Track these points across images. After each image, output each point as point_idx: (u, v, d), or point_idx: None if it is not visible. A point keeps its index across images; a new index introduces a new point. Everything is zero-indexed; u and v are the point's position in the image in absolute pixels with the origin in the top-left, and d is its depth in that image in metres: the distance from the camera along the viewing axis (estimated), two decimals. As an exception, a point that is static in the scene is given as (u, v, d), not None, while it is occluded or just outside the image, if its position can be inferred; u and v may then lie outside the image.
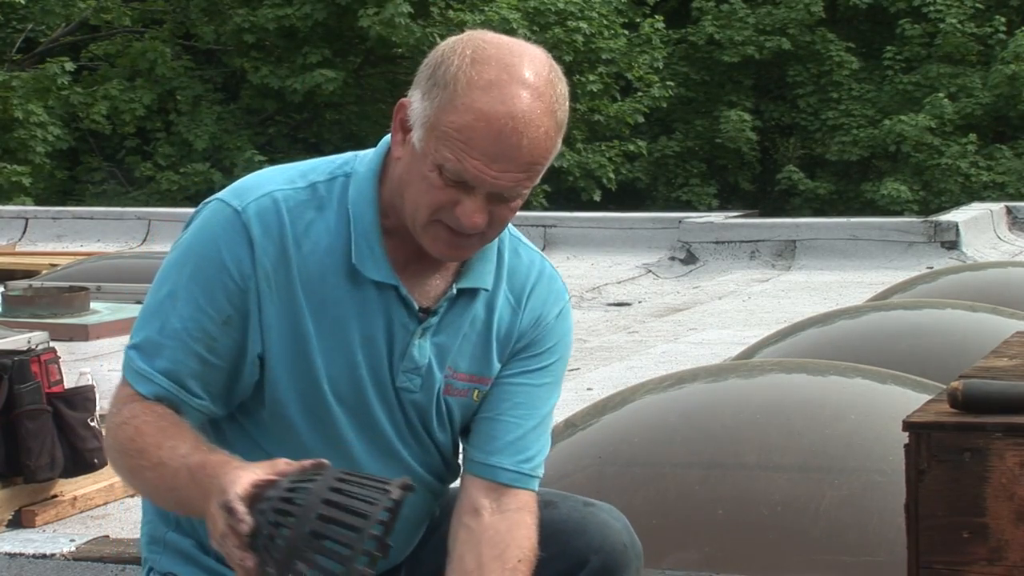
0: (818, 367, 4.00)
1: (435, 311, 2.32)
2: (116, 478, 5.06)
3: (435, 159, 2.17)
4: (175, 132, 24.96)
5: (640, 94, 25.78)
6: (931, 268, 10.77)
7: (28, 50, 25.86)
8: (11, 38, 25.62)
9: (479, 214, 2.19)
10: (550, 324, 2.41)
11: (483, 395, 2.39)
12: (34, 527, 4.69)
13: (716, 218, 13.98)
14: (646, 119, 26.02)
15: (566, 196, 23.98)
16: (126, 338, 2.34)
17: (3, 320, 7.67)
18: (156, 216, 15.75)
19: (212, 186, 22.86)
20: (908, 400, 3.15)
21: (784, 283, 11.86)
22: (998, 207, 14.62)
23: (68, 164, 25.73)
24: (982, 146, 25.67)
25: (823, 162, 27.46)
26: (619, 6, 26.12)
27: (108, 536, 4.03)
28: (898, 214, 21.67)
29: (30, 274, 11.94)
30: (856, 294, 10.19)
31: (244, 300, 2.25)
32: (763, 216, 15.40)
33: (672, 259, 13.11)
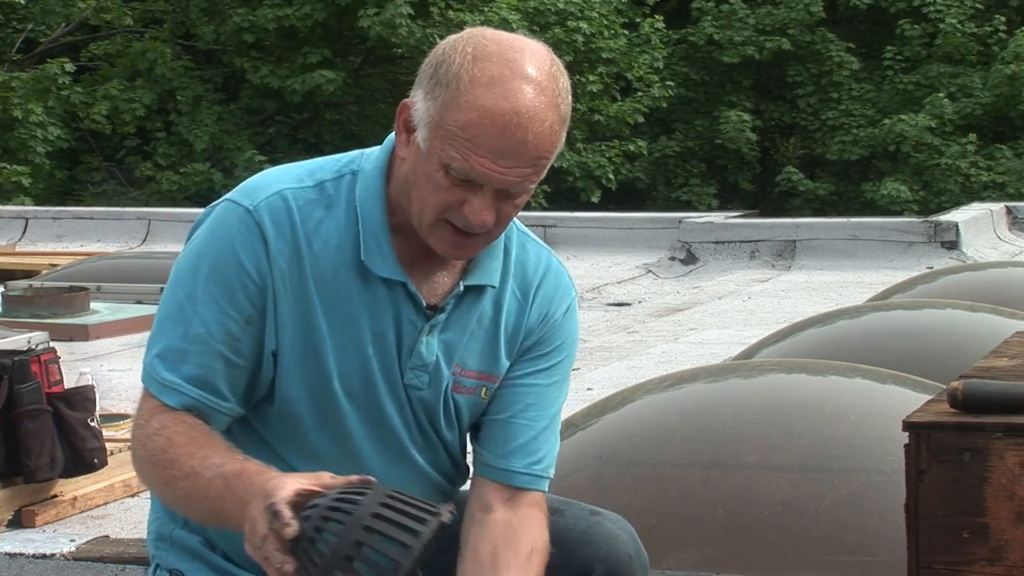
0: (818, 367, 4.00)
1: (442, 308, 2.32)
2: (116, 478, 5.07)
3: (441, 159, 2.16)
4: (175, 132, 24.95)
5: (640, 94, 25.78)
6: (931, 268, 10.77)
7: (28, 50, 25.84)
8: (11, 38, 25.60)
9: (487, 212, 2.19)
10: (558, 321, 2.41)
11: (491, 393, 2.39)
12: (34, 527, 4.69)
13: (716, 218, 13.98)
14: (646, 119, 26.02)
15: (566, 196, 23.97)
16: (126, 338, 2.34)
17: (3, 320, 7.67)
18: (156, 216, 15.76)
19: (212, 186, 22.88)
20: (908, 400, 3.14)
21: (784, 283, 11.86)
22: (998, 207, 14.63)
23: (68, 164, 25.71)
24: (982, 146, 25.66)
25: (823, 162, 27.46)
26: (619, 6, 26.10)
27: (108, 536, 4.01)
28: (898, 214, 21.67)
29: (30, 274, 11.95)
30: (856, 294, 10.18)
31: (263, 298, 2.25)
32: (763, 216, 15.40)
33: (672, 259, 13.11)
